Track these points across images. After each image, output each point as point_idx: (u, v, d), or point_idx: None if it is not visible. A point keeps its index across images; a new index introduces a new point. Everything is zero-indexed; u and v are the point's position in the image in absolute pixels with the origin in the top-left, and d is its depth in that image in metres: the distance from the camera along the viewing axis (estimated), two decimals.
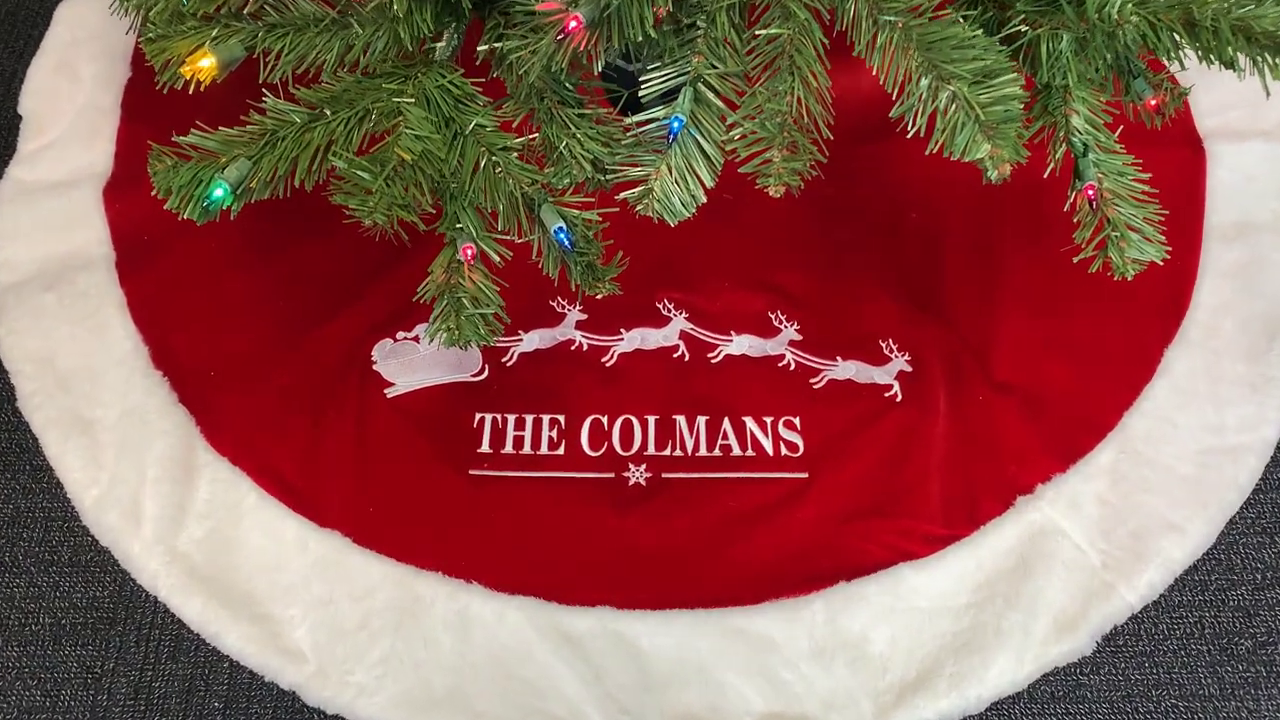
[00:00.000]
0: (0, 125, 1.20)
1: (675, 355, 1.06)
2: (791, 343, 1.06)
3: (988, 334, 1.06)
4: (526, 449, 1.00)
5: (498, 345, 1.06)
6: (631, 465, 1.00)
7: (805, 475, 0.99)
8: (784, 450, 1.00)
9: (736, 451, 1.00)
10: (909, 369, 1.04)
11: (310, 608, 0.92)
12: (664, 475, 0.99)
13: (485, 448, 1.00)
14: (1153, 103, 0.77)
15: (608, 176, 0.68)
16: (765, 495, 0.98)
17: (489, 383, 1.04)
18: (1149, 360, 1.05)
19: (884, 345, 1.06)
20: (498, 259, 0.70)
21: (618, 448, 1.01)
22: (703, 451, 1.00)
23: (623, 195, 0.66)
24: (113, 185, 1.14)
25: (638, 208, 0.66)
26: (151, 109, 1.19)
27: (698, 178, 0.64)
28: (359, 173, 0.59)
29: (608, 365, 1.05)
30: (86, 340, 1.05)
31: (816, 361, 1.05)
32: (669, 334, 1.07)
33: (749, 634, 0.91)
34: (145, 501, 0.96)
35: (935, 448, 1.00)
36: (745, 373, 1.05)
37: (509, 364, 1.05)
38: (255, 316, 1.07)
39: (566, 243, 0.68)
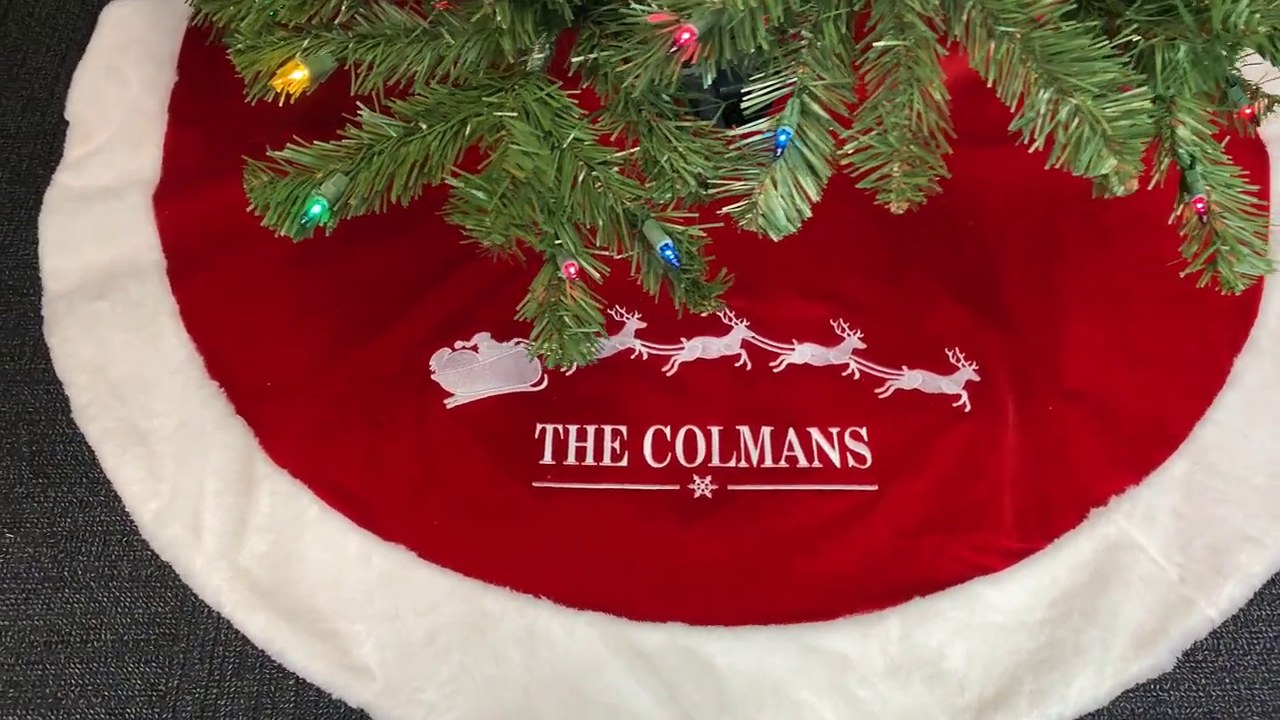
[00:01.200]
0: (45, 130, 1.18)
1: (737, 364, 1.04)
2: (855, 351, 1.05)
3: (1054, 341, 1.05)
4: (589, 460, 0.99)
5: None
6: (696, 477, 0.98)
7: (875, 487, 0.97)
8: (851, 462, 0.99)
9: (803, 463, 0.99)
10: (976, 378, 1.03)
11: (376, 623, 0.90)
12: (730, 487, 0.98)
13: (548, 459, 0.98)
14: (1248, 111, 0.75)
15: (710, 191, 0.67)
16: (834, 508, 0.96)
17: (549, 393, 1.02)
18: (1219, 369, 1.04)
19: (950, 354, 1.04)
20: (598, 276, 0.68)
21: (681, 459, 0.99)
22: (768, 463, 0.99)
23: (726, 210, 0.64)
24: (161, 191, 1.12)
25: (741, 222, 0.64)
26: (198, 114, 1.18)
27: (803, 191, 0.63)
28: (475, 192, 0.57)
29: (668, 375, 1.03)
30: (140, 349, 1.03)
31: (882, 371, 1.03)
32: (730, 343, 1.05)
33: (824, 651, 0.89)
34: (206, 515, 0.94)
35: (1006, 459, 0.98)
36: (809, 382, 1.03)
37: (568, 374, 1.03)
38: (310, 325, 1.05)
39: (674, 260, 0.67)
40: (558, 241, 0.63)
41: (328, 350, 1.04)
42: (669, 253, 0.66)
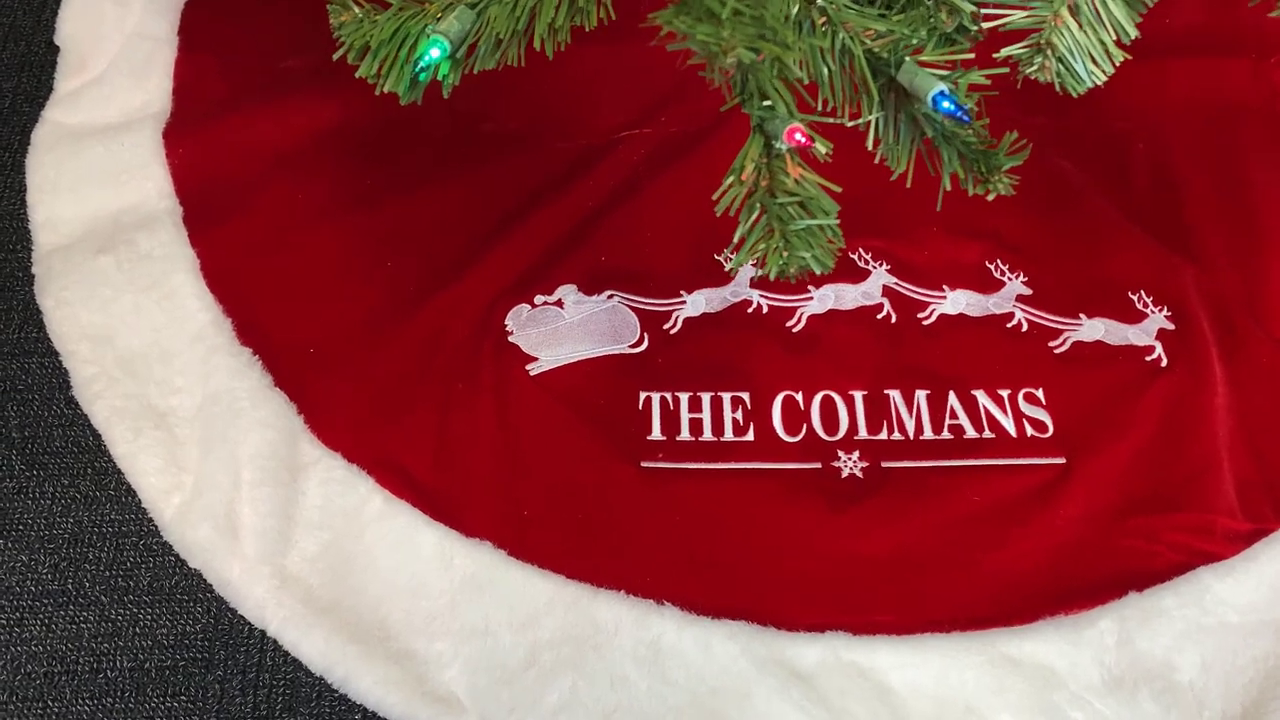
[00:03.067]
0: (30, 61, 0.99)
1: (879, 316, 0.86)
2: (1019, 298, 0.87)
3: (1256, 279, 0.87)
4: (707, 435, 0.81)
5: (659, 310, 0.86)
6: (841, 453, 0.80)
7: (1062, 460, 0.79)
8: (1030, 430, 0.81)
9: (971, 433, 0.81)
10: (1170, 326, 0.85)
11: (462, 640, 0.72)
12: (884, 464, 0.80)
13: (657, 434, 0.80)
14: None
15: (980, 26, 0.49)
16: (1017, 487, 0.78)
17: (651, 355, 0.84)
18: None
19: (1135, 298, 0.86)
20: (823, 152, 0.50)
21: (820, 431, 0.81)
22: (928, 434, 0.81)
23: (1005, 52, 0.46)
24: (174, 127, 0.94)
25: (1028, 70, 0.46)
26: (214, 37, 1.00)
27: (1112, 26, 0.45)
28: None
29: (795, 330, 0.85)
30: (153, 312, 0.85)
31: (1055, 320, 0.86)
32: (869, 290, 0.87)
33: (1023, 663, 0.72)
34: (242, 510, 0.76)
35: (1220, 422, 0.80)
36: (968, 336, 0.85)
37: (673, 331, 0.85)
38: (359, 279, 0.87)
39: (955, 110, 0.48)
40: (766, 103, 0.45)
41: (382, 309, 0.86)
42: (947, 104, 0.47)
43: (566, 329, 0.85)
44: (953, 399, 0.82)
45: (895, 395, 0.83)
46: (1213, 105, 0.97)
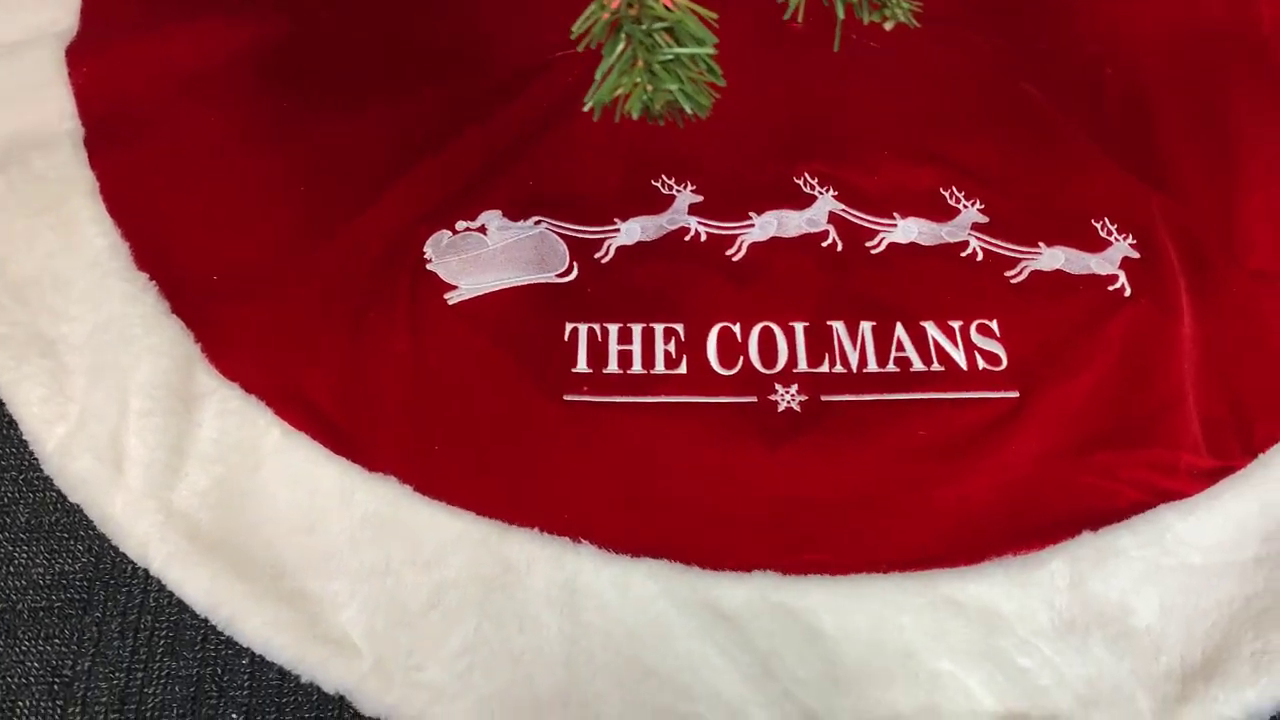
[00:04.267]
0: None
1: (824, 244, 0.81)
2: (975, 226, 0.81)
3: (1230, 209, 0.82)
4: (637, 367, 0.75)
5: (590, 237, 0.81)
6: (779, 386, 0.75)
7: (1016, 394, 0.74)
8: (982, 363, 0.75)
9: (918, 366, 0.75)
10: (1135, 255, 0.79)
11: (360, 580, 0.66)
12: (823, 398, 0.74)
13: (582, 366, 0.75)
14: None
15: None
16: (966, 421, 0.73)
17: (581, 284, 0.79)
18: None
19: (1098, 226, 0.81)
20: None
21: (757, 364, 0.76)
22: (872, 367, 0.75)
23: None
24: (79, 45, 0.88)
25: None
26: None
27: None
28: None
29: (735, 259, 0.80)
30: (47, 237, 0.79)
31: (1012, 249, 0.80)
32: (814, 217, 0.82)
33: (967, 606, 0.66)
34: (129, 441, 0.70)
35: (1185, 354, 0.75)
36: (919, 266, 0.80)
37: (605, 260, 0.80)
38: (272, 207, 0.82)
39: None
40: None
41: (293, 236, 0.80)
42: None
43: (489, 256, 0.79)
44: (900, 330, 0.77)
45: (839, 327, 0.77)
46: (1189, 29, 0.92)
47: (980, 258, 0.80)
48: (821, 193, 0.82)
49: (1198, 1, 0.93)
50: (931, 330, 0.77)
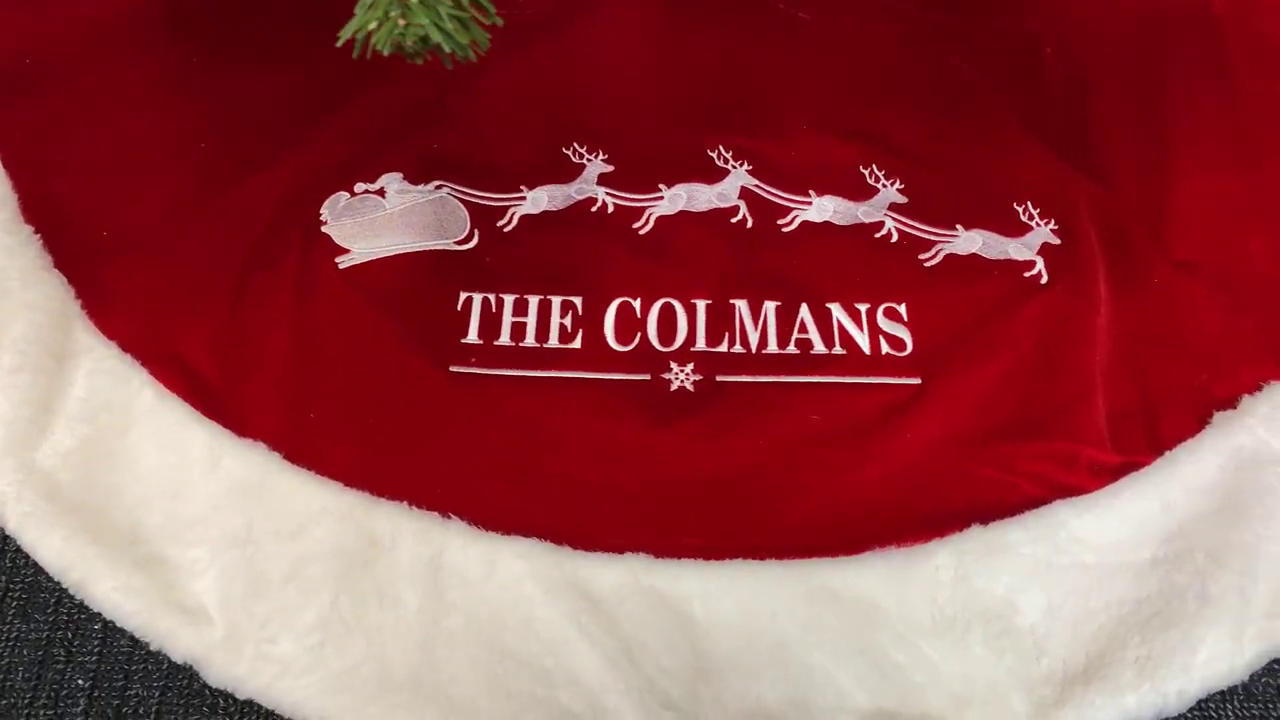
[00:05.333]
0: None
1: (734, 220, 0.78)
2: (893, 206, 0.78)
3: (1160, 197, 0.79)
4: (530, 340, 0.73)
5: (494, 204, 0.78)
6: (674, 364, 0.72)
7: (917, 381, 0.71)
8: (886, 348, 0.72)
9: (820, 348, 0.72)
10: (1056, 241, 0.76)
11: (220, 548, 0.64)
12: (719, 378, 0.72)
13: (473, 337, 0.72)
14: None
15: None
16: (862, 407, 0.70)
17: (479, 252, 0.76)
18: None
19: (1020, 210, 0.78)
20: None
21: (655, 341, 0.73)
22: (772, 348, 0.73)
23: None
24: None
25: None
26: None
27: None
28: None
29: (642, 232, 0.77)
30: None
31: (929, 231, 0.77)
32: (725, 191, 0.79)
33: (845, 597, 0.63)
34: None
35: (1098, 345, 0.72)
36: (830, 245, 0.77)
37: (508, 229, 0.77)
38: (171, 163, 0.79)
39: None
40: None
41: (190, 192, 0.78)
42: None
43: (385, 220, 0.77)
44: (804, 311, 0.74)
45: (742, 305, 0.74)
46: (1137, 9, 0.88)
47: (895, 239, 0.77)
48: (735, 167, 0.79)
49: None
50: (837, 312, 0.74)
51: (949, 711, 0.61)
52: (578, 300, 0.74)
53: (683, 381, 0.71)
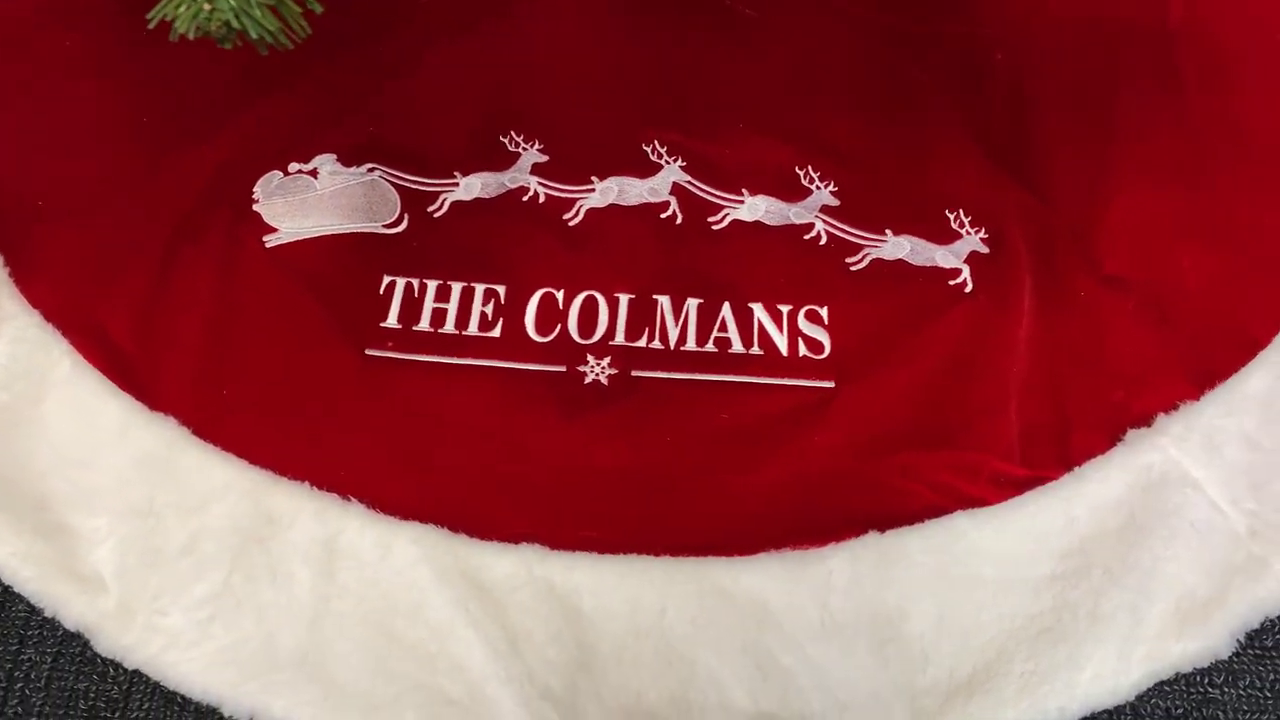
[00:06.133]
0: None
1: (664, 215, 0.77)
2: (825, 208, 0.78)
3: (1095, 210, 0.78)
4: (449, 327, 0.73)
5: (426, 189, 0.78)
6: (591, 357, 0.72)
7: (830, 384, 0.71)
8: (804, 350, 0.72)
9: (737, 348, 0.72)
10: (984, 250, 0.76)
11: (121, 519, 0.65)
12: (634, 373, 0.72)
13: (392, 321, 0.73)
14: None
15: None
16: (773, 408, 0.70)
17: (407, 237, 0.76)
18: None
19: (951, 217, 0.77)
20: None
21: (574, 333, 0.73)
22: (690, 345, 0.72)
23: None
24: None
25: None
26: None
27: None
28: None
29: (571, 224, 0.77)
30: None
31: (857, 235, 0.76)
32: (657, 186, 0.78)
33: (737, 598, 0.64)
34: None
35: (1016, 357, 0.71)
36: (758, 245, 0.76)
37: (438, 214, 0.77)
38: (112, 133, 0.80)
39: None
40: None
41: (126, 165, 0.78)
42: None
43: (315, 200, 0.77)
44: (726, 310, 0.74)
45: (664, 301, 0.74)
46: (1092, 19, 0.87)
47: (824, 241, 0.76)
48: (669, 162, 0.79)
49: None
50: (759, 312, 0.74)
51: (830, 716, 0.61)
52: (501, 289, 0.74)
53: (598, 375, 0.71)
